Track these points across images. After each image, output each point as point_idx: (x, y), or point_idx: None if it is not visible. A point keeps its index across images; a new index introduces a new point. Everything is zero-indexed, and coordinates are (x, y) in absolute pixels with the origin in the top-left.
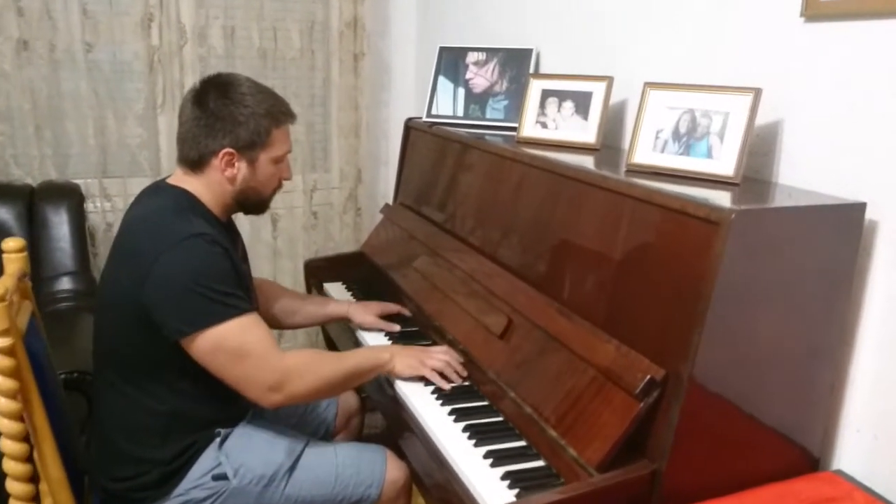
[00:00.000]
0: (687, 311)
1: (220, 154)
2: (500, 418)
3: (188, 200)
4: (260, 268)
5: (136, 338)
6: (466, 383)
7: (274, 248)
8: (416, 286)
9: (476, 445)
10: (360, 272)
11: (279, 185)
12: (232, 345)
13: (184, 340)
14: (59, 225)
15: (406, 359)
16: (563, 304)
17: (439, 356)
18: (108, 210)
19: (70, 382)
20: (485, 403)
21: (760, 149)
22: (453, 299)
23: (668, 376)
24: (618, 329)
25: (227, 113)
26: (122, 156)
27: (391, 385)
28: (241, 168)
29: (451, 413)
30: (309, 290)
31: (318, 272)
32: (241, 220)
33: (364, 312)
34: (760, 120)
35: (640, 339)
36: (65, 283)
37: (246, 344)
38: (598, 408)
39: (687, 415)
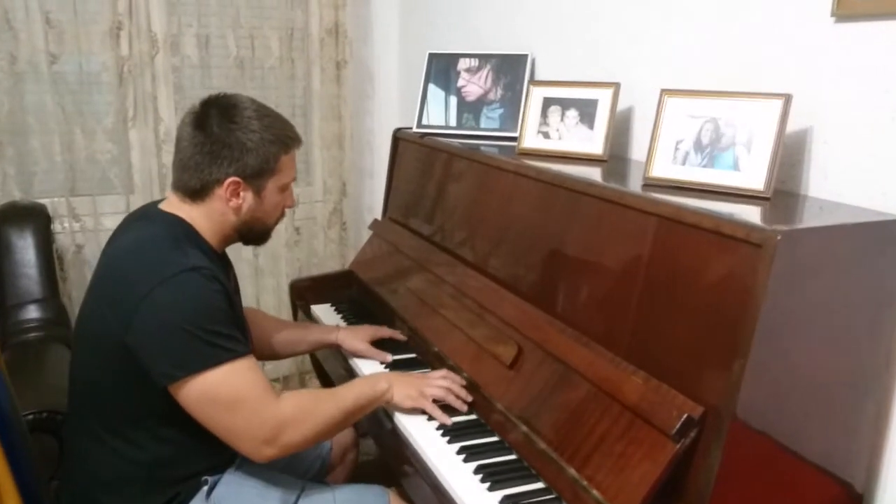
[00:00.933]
0: (726, 341)
1: (226, 183)
2: (513, 456)
3: (183, 229)
4: (241, 288)
5: (118, 380)
6: (473, 416)
7: (256, 266)
8: (412, 308)
9: (491, 489)
10: (350, 293)
11: (283, 214)
12: (225, 392)
13: (172, 386)
14: (24, 249)
15: (404, 388)
16: (579, 331)
17: (438, 382)
18: (76, 231)
19: (38, 423)
20: (495, 439)
21: (787, 159)
22: (454, 323)
23: (707, 414)
24: (643, 360)
25: (234, 139)
26: (92, 173)
27: (390, 417)
28: (246, 198)
29: (459, 452)
30: (295, 313)
31: (305, 293)
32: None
33: (354, 339)
34: (788, 127)
35: (670, 371)
36: (32, 312)
37: (240, 391)
38: (627, 448)
39: (729, 455)
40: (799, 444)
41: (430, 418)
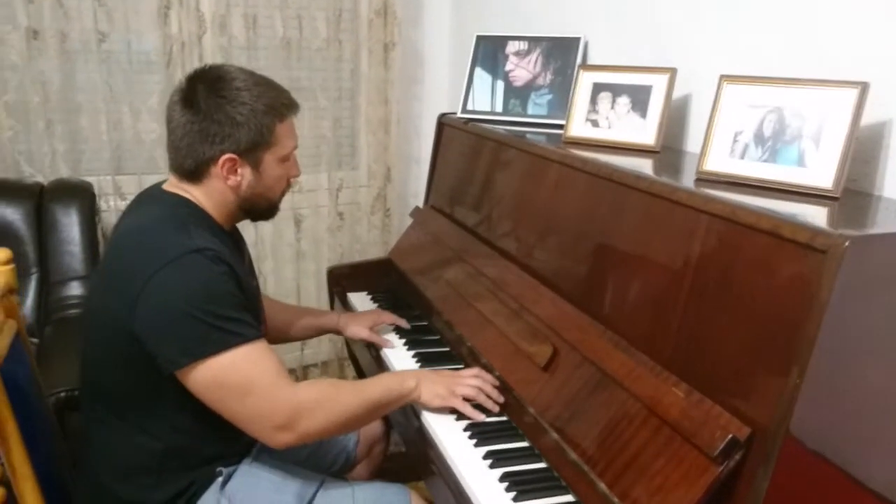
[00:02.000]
0: (780, 355)
1: (221, 161)
2: (542, 465)
3: (188, 209)
4: (282, 271)
5: (127, 367)
6: (504, 418)
7: (297, 249)
8: (448, 301)
9: (516, 500)
10: (388, 281)
11: (288, 186)
12: (235, 378)
13: (179, 372)
14: (69, 226)
15: (434, 386)
16: (619, 335)
17: (469, 381)
18: (122, 209)
19: (72, 401)
20: (524, 445)
21: (860, 154)
22: (490, 319)
23: (754, 435)
24: (686, 371)
25: (223, 114)
26: (138, 152)
27: (417, 415)
28: (245, 174)
29: (486, 457)
30: (332, 300)
31: (342, 280)
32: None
33: (355, 325)
34: (862, 120)
35: (715, 385)
36: (74, 289)
37: (251, 376)
38: (665, 467)
39: (779, 480)
40: (859, 470)
41: (459, 418)
